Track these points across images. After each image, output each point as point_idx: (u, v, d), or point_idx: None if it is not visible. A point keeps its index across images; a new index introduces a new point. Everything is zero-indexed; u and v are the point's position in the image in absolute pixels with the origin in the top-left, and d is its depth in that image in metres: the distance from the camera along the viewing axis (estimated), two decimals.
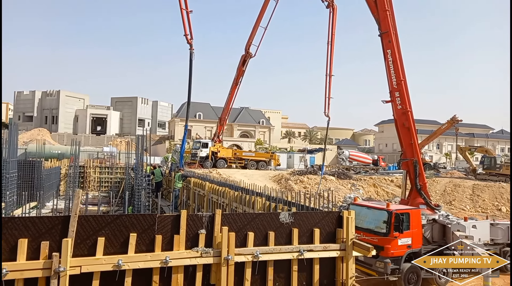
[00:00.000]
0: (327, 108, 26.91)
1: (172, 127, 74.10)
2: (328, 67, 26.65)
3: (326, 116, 27.14)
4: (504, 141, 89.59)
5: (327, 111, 27.01)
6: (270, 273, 5.52)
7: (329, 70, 26.64)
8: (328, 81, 26.66)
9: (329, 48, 26.64)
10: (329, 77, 26.64)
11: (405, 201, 15.89)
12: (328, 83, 26.68)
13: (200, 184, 13.63)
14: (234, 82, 32.31)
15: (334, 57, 27.20)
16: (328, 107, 26.88)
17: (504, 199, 30.51)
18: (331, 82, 26.67)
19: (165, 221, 5.19)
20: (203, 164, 33.80)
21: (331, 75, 26.65)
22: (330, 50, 26.58)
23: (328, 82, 26.65)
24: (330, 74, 26.65)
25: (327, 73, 26.73)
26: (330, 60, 26.65)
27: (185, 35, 18.27)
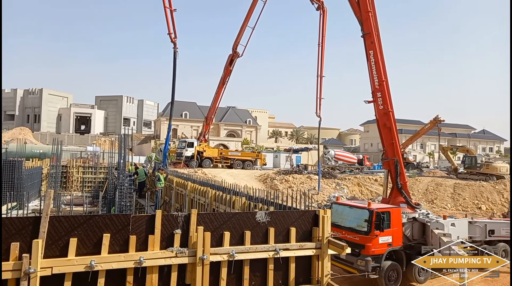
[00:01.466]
0: (318, 108, 27.16)
1: (158, 126, 73.48)
2: (319, 68, 26.89)
3: (317, 117, 27.40)
4: (485, 141, 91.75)
5: (318, 112, 27.25)
6: (246, 272, 5.54)
7: (320, 71, 26.86)
8: (319, 82, 26.88)
9: (320, 50, 26.90)
10: (320, 78, 26.87)
11: (387, 200, 16.15)
12: (319, 84, 26.92)
13: (182, 184, 13.56)
14: (221, 82, 32.25)
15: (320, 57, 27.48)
16: (320, 107, 27.13)
17: (484, 198, 31.26)
18: (322, 83, 26.93)
19: (140, 221, 5.16)
20: (189, 164, 33.60)
21: (322, 76, 26.90)
22: (321, 51, 26.83)
23: (319, 83, 26.88)
24: (321, 75, 26.89)
25: (318, 74, 26.95)
26: (321, 61, 26.89)
27: (169, 33, 18.15)
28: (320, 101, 27.04)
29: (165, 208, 15.18)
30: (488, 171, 37.09)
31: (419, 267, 12.46)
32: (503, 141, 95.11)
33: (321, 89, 26.86)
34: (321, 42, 26.69)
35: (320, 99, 27.02)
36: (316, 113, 27.35)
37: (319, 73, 26.87)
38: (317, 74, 26.97)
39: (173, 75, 18.09)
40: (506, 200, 29.84)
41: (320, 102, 27.03)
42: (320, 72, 26.79)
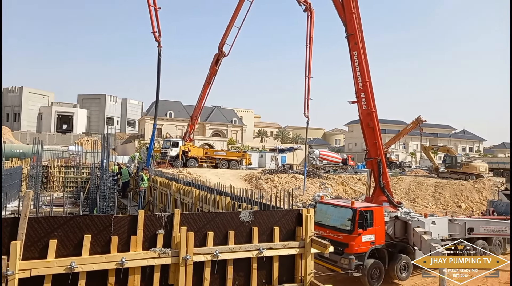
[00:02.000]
0: (306, 109, 27.36)
1: (142, 125, 72.65)
2: (307, 69, 27.08)
3: (305, 117, 27.61)
4: (466, 141, 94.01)
5: (306, 112, 27.45)
6: (230, 272, 5.54)
7: (308, 72, 27.06)
8: (307, 83, 27.07)
9: (307, 51, 27.10)
10: (308, 79, 27.07)
11: (369, 199, 16.38)
12: (307, 85, 27.11)
13: (166, 183, 13.46)
14: (207, 81, 32.14)
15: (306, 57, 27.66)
16: (307, 108, 27.33)
17: (463, 196, 32.06)
18: (310, 83, 27.14)
19: (122, 221, 5.10)
20: (173, 164, 33.37)
21: (309, 77, 27.10)
22: (309, 52, 27.03)
23: (307, 83, 27.07)
24: (309, 76, 27.09)
25: (306, 75, 27.14)
26: (308, 62, 27.09)
27: (153, 32, 17.97)
28: (308, 102, 27.29)
29: (149, 209, 15.03)
30: (467, 170, 38.07)
31: (401, 264, 12.71)
32: (483, 141, 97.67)
33: (309, 90, 27.11)
34: (308, 43, 26.92)
35: (308, 100, 27.26)
36: (304, 114, 27.58)
37: (306, 74, 27.08)
38: (305, 75, 27.19)
39: (157, 74, 17.91)
40: (484, 198, 30.67)
41: (308, 102, 27.28)
42: (307, 73, 27.00)
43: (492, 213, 17.75)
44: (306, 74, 27.07)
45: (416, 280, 12.77)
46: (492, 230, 15.27)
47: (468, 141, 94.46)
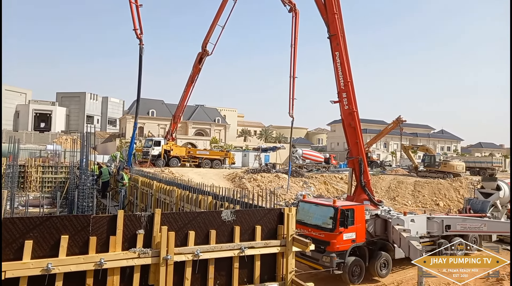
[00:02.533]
0: (291, 108, 27.49)
1: (124, 124, 71.52)
2: (292, 69, 27.18)
3: (290, 116, 27.75)
4: (444, 141, 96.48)
5: (291, 112, 27.58)
6: (211, 271, 5.52)
7: (293, 72, 27.17)
8: (292, 83, 27.19)
9: (292, 51, 27.22)
10: (293, 79, 27.18)
11: (351, 198, 16.63)
12: (291, 85, 27.22)
13: (148, 183, 13.29)
14: (190, 80, 31.90)
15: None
16: (292, 108, 27.46)
17: (441, 195, 32.91)
18: (294, 83, 27.26)
19: (101, 222, 5.00)
20: (155, 163, 32.98)
21: (294, 77, 27.21)
22: (293, 53, 27.15)
23: (292, 83, 27.18)
24: (293, 76, 27.20)
25: (291, 75, 27.24)
26: (293, 62, 27.20)
27: (135, 29, 17.72)
28: (292, 102, 27.43)
29: (130, 208, 14.82)
30: (445, 169, 39.09)
31: (381, 261, 12.95)
32: (460, 140, 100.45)
33: (293, 90, 27.26)
34: (293, 43, 27.04)
35: (292, 100, 27.40)
36: (289, 113, 27.73)
37: (291, 73, 27.21)
38: (290, 75, 27.31)
39: (139, 72, 17.67)
40: (461, 196, 31.55)
41: (292, 102, 27.42)
42: (292, 73, 27.13)
43: (468, 211, 18.23)
44: (291, 74, 27.21)
45: (395, 277, 13.03)
46: (469, 227, 15.73)
47: (446, 141, 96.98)
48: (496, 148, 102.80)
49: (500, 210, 18.41)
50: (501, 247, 17.68)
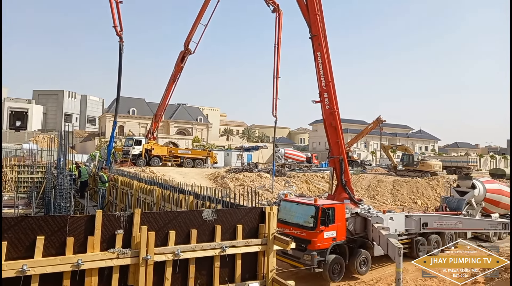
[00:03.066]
0: (274, 108, 27.56)
1: (103, 123, 70.19)
2: (275, 69, 27.25)
3: (273, 116, 27.82)
4: (422, 140, 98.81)
5: (274, 112, 27.65)
6: (192, 271, 5.50)
7: (276, 72, 27.23)
8: (275, 83, 27.25)
9: (275, 51, 27.28)
10: (276, 79, 27.25)
11: (332, 196, 16.80)
12: (275, 85, 27.29)
13: (128, 183, 13.09)
14: (172, 78, 31.57)
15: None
16: (276, 107, 27.53)
17: (419, 193, 33.70)
18: (278, 84, 27.32)
19: (78, 222, 4.91)
20: (136, 162, 32.51)
21: (277, 77, 27.28)
22: (277, 53, 27.21)
23: (275, 84, 27.25)
24: (277, 76, 27.26)
25: (274, 75, 27.31)
26: (277, 62, 27.27)
27: (114, 26, 17.39)
28: (276, 102, 27.52)
29: (109, 209, 14.56)
30: (423, 168, 40.09)
31: (360, 259, 13.16)
32: (437, 140, 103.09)
33: (277, 90, 27.34)
34: (276, 43, 27.13)
35: (276, 100, 27.49)
36: (273, 113, 27.80)
37: (275, 74, 27.29)
38: (273, 75, 27.39)
39: (118, 69, 17.36)
40: (438, 195, 32.37)
41: (276, 102, 27.51)
42: (276, 73, 27.22)
43: (445, 208, 18.73)
44: (274, 74, 27.30)
45: (374, 274, 13.27)
46: (445, 224, 16.15)
47: (424, 141, 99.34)
48: (472, 148, 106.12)
49: (475, 208, 18.98)
50: (475, 244, 18.35)
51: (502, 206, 20.24)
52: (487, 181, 20.95)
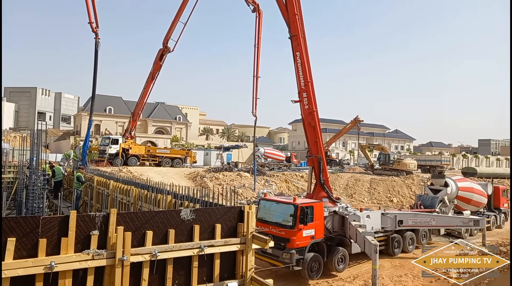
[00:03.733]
0: (254, 108, 27.54)
1: (78, 121, 68.36)
2: (255, 69, 27.22)
3: (253, 116, 27.81)
4: (398, 140, 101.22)
5: (254, 111, 27.64)
6: (170, 271, 5.44)
7: (256, 72, 27.22)
8: (255, 83, 27.23)
9: (256, 51, 27.26)
10: (256, 78, 27.23)
11: (310, 195, 16.98)
12: (255, 85, 27.27)
13: (104, 183, 12.81)
14: (150, 76, 31.09)
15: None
16: (256, 107, 27.52)
17: (395, 191, 34.51)
18: (258, 83, 27.31)
19: (51, 223, 4.77)
20: (113, 162, 31.85)
21: (257, 76, 27.26)
22: (257, 53, 27.20)
23: (255, 83, 27.23)
24: (257, 76, 27.24)
25: (254, 75, 27.28)
26: (257, 62, 27.25)
27: (90, 23, 16.95)
28: (256, 101, 27.51)
29: (84, 209, 14.21)
30: (399, 167, 41.08)
31: (338, 257, 13.36)
32: (412, 140, 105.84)
33: (257, 89, 27.34)
34: (257, 43, 27.13)
35: (256, 99, 27.49)
36: (252, 113, 27.81)
37: (255, 73, 27.28)
38: (253, 74, 27.38)
39: (94, 67, 16.94)
40: (413, 193, 33.27)
41: (256, 102, 27.51)
42: (256, 73, 27.22)
43: (419, 206, 19.24)
44: (254, 74, 27.30)
45: (352, 271, 13.49)
46: (419, 222, 16.60)
47: (400, 140, 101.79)
48: (445, 147, 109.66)
49: (447, 205, 19.59)
50: (448, 240, 18.95)
51: (473, 204, 20.99)
52: (459, 180, 21.65)
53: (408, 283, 12.42)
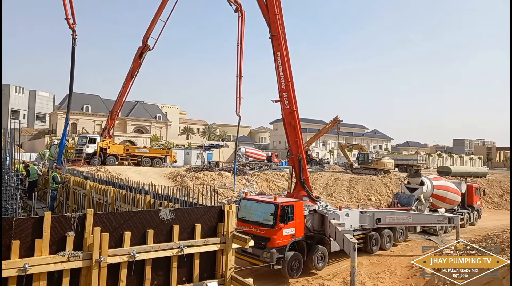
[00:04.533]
0: (238, 107, 27.46)
1: (54, 120, 66.50)
2: (238, 68, 27.13)
3: (237, 115, 27.75)
4: (376, 140, 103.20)
5: (238, 111, 27.57)
6: (148, 272, 5.37)
7: (239, 72, 27.13)
8: (239, 82, 27.15)
9: (238, 51, 27.17)
10: (239, 78, 27.15)
11: (291, 194, 17.11)
12: (238, 84, 27.18)
13: (81, 183, 12.51)
14: (130, 74, 30.53)
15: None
16: (239, 106, 27.44)
17: (373, 190, 35.17)
18: (241, 83, 27.23)
19: (25, 224, 4.63)
20: (90, 161, 31.15)
21: (241, 76, 27.18)
22: (240, 52, 27.11)
23: (239, 83, 27.14)
24: (240, 75, 27.16)
25: (237, 74, 27.20)
26: (240, 62, 27.15)
27: (67, 19, 16.49)
28: (239, 101, 27.44)
29: (60, 210, 13.84)
30: (377, 166, 41.90)
31: (318, 255, 13.51)
32: (390, 139, 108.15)
33: (240, 89, 27.27)
34: (239, 43, 27.05)
35: (239, 99, 27.41)
36: (236, 112, 27.76)
37: (238, 73, 27.21)
38: (236, 74, 27.29)
39: (71, 64, 16.47)
40: (391, 191, 33.96)
41: (239, 101, 27.44)
42: (239, 72, 27.15)
43: (396, 204, 19.67)
44: (237, 73, 27.24)
45: (331, 269, 13.68)
46: (396, 220, 16.98)
47: (378, 140, 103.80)
48: (421, 147, 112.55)
49: (423, 203, 20.11)
50: (424, 238, 19.48)
51: (448, 202, 21.64)
52: (434, 178, 22.25)
53: (385, 280, 12.70)
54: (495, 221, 25.45)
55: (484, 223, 24.44)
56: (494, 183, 39.50)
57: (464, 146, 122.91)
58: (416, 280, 12.58)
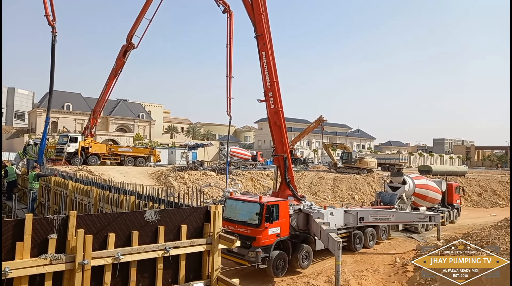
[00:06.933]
0: (228, 107, 27.38)
1: (34, 118, 64.85)
2: (228, 69, 27.04)
3: (228, 115, 27.66)
4: (359, 139, 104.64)
5: (228, 111, 27.49)
6: (133, 274, 5.29)
7: (229, 72, 27.06)
8: (229, 82, 27.05)
9: (228, 51, 27.08)
10: (229, 78, 27.07)
11: (276, 194, 17.15)
12: (228, 84, 27.09)
13: (62, 183, 12.22)
14: (113, 73, 30.01)
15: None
16: (230, 106, 27.34)
17: (357, 189, 35.62)
18: (231, 83, 27.13)
19: (5, 227, 4.49)
20: (71, 161, 30.51)
21: (230, 76, 27.10)
22: (229, 53, 27.03)
23: (229, 83, 27.05)
24: (230, 76, 27.08)
25: (227, 75, 27.12)
26: (229, 62, 27.06)
27: (46, 15, 16.08)
28: (230, 101, 27.38)
29: (41, 211, 13.50)
30: (360, 166, 42.48)
31: (303, 254, 13.60)
32: (373, 139, 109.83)
33: (230, 89, 27.20)
34: (228, 43, 26.99)
35: (230, 99, 27.35)
36: (227, 112, 27.71)
37: (227, 73, 27.15)
38: (226, 74, 27.23)
39: (51, 61, 16.05)
40: (374, 190, 34.49)
41: (230, 101, 27.38)
42: (229, 73, 27.08)
43: (379, 203, 19.97)
44: (227, 74, 27.20)
45: (316, 268, 13.79)
46: (379, 218, 17.23)
47: (361, 139, 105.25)
48: (403, 146, 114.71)
49: (405, 202, 20.49)
50: (406, 236, 19.86)
51: (429, 200, 22.11)
52: (416, 177, 22.69)
53: (369, 277, 12.88)
54: (474, 219, 26.19)
55: (464, 221, 25.09)
56: (473, 181, 40.57)
57: (444, 145, 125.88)
58: (398, 277, 12.82)
